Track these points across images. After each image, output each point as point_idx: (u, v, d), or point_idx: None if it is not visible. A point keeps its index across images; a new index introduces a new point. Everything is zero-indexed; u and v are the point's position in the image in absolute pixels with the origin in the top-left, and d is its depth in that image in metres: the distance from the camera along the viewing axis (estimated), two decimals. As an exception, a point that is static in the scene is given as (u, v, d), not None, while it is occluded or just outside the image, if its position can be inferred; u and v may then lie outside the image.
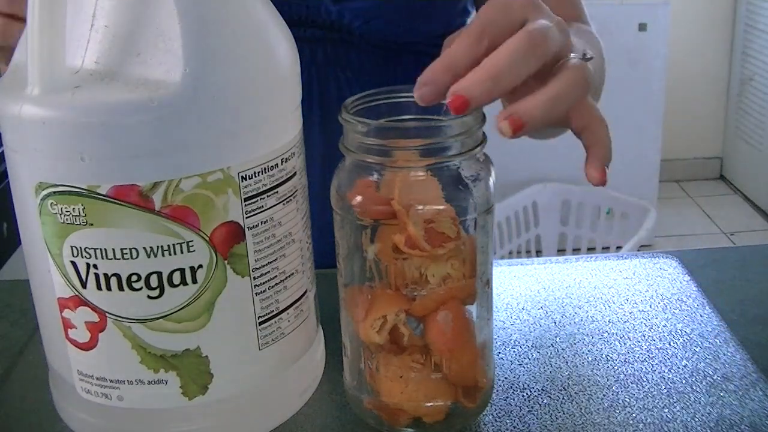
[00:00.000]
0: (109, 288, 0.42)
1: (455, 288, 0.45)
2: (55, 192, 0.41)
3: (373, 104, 0.46)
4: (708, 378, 0.53)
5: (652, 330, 0.58)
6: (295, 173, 0.46)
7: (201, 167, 0.41)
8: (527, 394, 0.52)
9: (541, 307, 0.62)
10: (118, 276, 0.42)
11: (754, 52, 2.83)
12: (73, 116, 0.40)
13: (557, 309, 0.61)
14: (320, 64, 0.73)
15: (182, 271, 0.42)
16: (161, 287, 0.42)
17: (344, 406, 0.51)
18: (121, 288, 0.42)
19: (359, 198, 0.44)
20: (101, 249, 0.42)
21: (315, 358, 0.52)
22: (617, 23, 2.40)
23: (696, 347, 0.56)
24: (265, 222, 0.44)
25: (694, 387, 0.52)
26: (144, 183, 0.40)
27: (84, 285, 0.43)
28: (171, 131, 0.40)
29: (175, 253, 0.42)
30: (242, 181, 0.43)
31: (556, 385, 0.53)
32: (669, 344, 0.56)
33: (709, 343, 0.56)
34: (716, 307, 0.61)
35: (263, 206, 0.44)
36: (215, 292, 0.43)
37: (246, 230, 0.44)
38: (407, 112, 0.47)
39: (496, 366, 0.54)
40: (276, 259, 0.46)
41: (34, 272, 0.45)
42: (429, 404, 0.47)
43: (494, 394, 0.52)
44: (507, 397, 0.52)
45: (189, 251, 0.42)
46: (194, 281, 0.43)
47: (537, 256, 2.43)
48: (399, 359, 0.46)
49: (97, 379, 0.45)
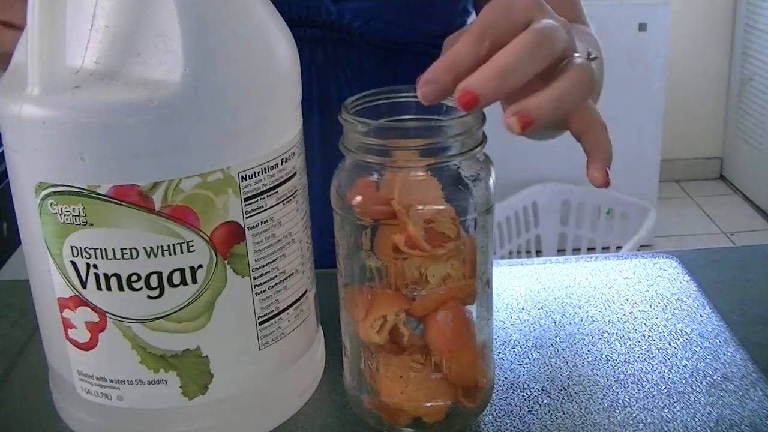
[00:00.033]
0: (109, 288, 0.42)
1: (455, 288, 0.45)
2: (55, 192, 0.41)
3: (373, 104, 0.46)
4: (708, 378, 0.53)
5: (652, 330, 0.58)
6: (295, 173, 0.46)
7: (201, 167, 0.41)
8: (527, 394, 0.52)
9: (541, 307, 0.62)
10: (118, 276, 0.42)
11: (754, 52, 2.83)
12: (73, 116, 0.40)
13: (557, 309, 0.61)
14: (320, 64, 0.73)
15: (182, 271, 0.42)
16: (161, 287, 0.42)
17: (344, 406, 0.51)
18: (121, 288, 0.42)
19: (359, 198, 0.44)
20: (101, 249, 0.42)
21: (315, 358, 0.52)
22: (617, 23, 2.41)
23: (696, 347, 0.56)
24: (265, 222, 0.44)
25: (694, 387, 0.52)
26: (144, 183, 0.40)
27: (84, 285, 0.43)
28: (171, 131, 0.40)
29: (175, 253, 0.42)
30: (242, 181, 0.43)
31: (556, 385, 0.53)
32: (669, 344, 0.56)
33: (709, 343, 0.56)
34: (716, 307, 0.61)
35: (263, 206, 0.44)
36: (215, 292, 0.43)
37: (246, 230, 0.44)
38: (407, 112, 0.47)
39: (496, 366, 0.54)
40: (276, 259, 0.46)
41: (34, 272, 0.45)
42: (429, 404, 0.47)
43: (494, 394, 0.52)
44: (507, 397, 0.52)
45: (189, 251, 0.42)
46: (194, 281, 0.43)
47: (537, 256, 2.43)
48: (399, 359, 0.46)
49: (97, 379, 0.45)
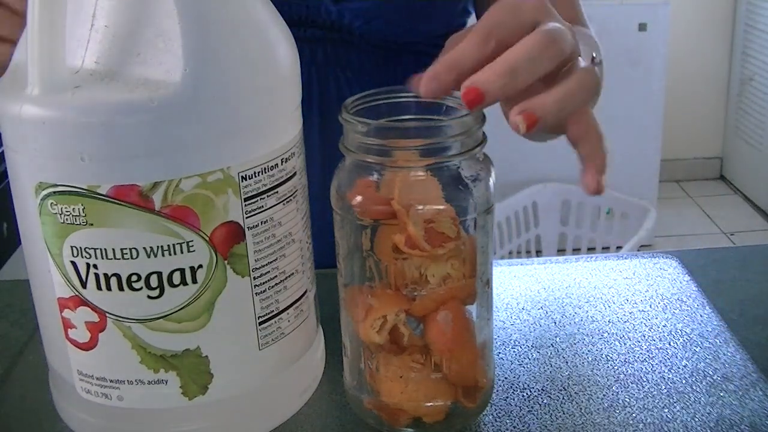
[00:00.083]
0: (109, 288, 0.42)
1: (455, 288, 0.45)
2: (55, 192, 0.41)
3: (373, 104, 0.46)
4: (708, 378, 0.53)
5: (652, 330, 0.58)
6: (295, 173, 0.46)
7: (201, 167, 0.41)
8: (527, 394, 0.52)
9: (541, 307, 0.62)
10: (118, 276, 0.42)
11: (754, 52, 2.83)
12: (73, 116, 0.40)
13: (557, 309, 0.61)
14: (320, 64, 0.73)
15: (182, 271, 0.42)
16: (161, 287, 0.42)
17: (344, 406, 0.51)
18: (121, 288, 0.42)
19: (359, 198, 0.44)
20: (101, 249, 0.42)
21: (315, 358, 0.52)
22: (617, 23, 2.41)
23: (696, 347, 0.56)
24: (265, 222, 0.44)
25: (694, 387, 0.52)
26: (144, 183, 0.40)
27: (84, 285, 0.43)
28: (171, 131, 0.40)
29: (175, 253, 0.42)
30: (242, 181, 0.43)
31: (556, 385, 0.53)
32: (669, 344, 0.56)
33: (709, 343, 0.56)
34: (716, 307, 0.61)
35: (263, 206, 0.44)
36: (215, 292, 0.43)
37: (246, 230, 0.44)
38: (407, 112, 0.47)
39: (496, 366, 0.54)
40: (276, 259, 0.46)
41: (34, 272, 0.45)
42: (429, 404, 0.47)
43: (494, 394, 0.52)
44: (507, 397, 0.52)
45: (189, 251, 0.42)
46: (194, 281, 0.43)
47: (537, 256, 2.43)
48: (399, 359, 0.46)
49: (97, 379, 0.45)
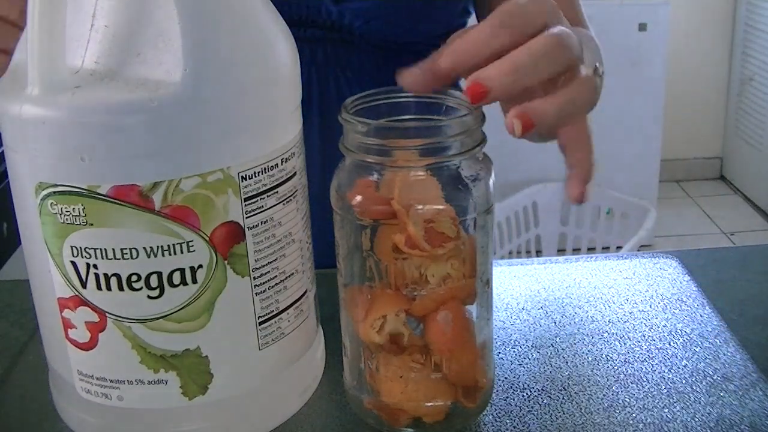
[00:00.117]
0: (109, 288, 0.42)
1: (455, 288, 0.45)
2: (55, 192, 0.41)
3: (373, 104, 0.46)
4: (708, 378, 0.53)
5: (652, 330, 0.58)
6: (295, 173, 0.46)
7: (201, 167, 0.41)
8: (527, 394, 0.52)
9: (541, 307, 0.62)
10: (118, 276, 0.42)
11: (754, 52, 2.83)
12: (73, 116, 0.40)
13: (557, 309, 0.61)
14: (320, 64, 0.73)
15: (182, 271, 0.42)
16: (161, 287, 0.42)
17: (344, 406, 0.51)
18: (121, 288, 0.42)
19: (359, 198, 0.44)
20: (101, 249, 0.42)
21: (315, 358, 0.52)
22: (617, 23, 2.41)
23: (696, 347, 0.56)
24: (265, 222, 0.44)
25: (694, 387, 0.52)
26: (144, 183, 0.40)
27: (84, 285, 0.43)
28: (171, 131, 0.40)
29: (175, 253, 0.42)
30: (242, 181, 0.43)
31: (556, 385, 0.53)
32: (669, 344, 0.56)
33: (709, 343, 0.56)
34: (716, 307, 0.61)
35: (263, 206, 0.44)
36: (215, 292, 0.43)
37: (246, 230, 0.44)
38: (407, 112, 0.47)
39: (496, 366, 0.54)
40: (276, 259, 0.46)
41: (34, 272, 0.45)
42: (429, 404, 0.47)
43: (494, 394, 0.52)
44: (507, 397, 0.52)
45: (189, 251, 0.42)
46: (194, 281, 0.43)
47: (537, 256, 2.43)
48: (399, 359, 0.46)
49: (97, 379, 0.45)
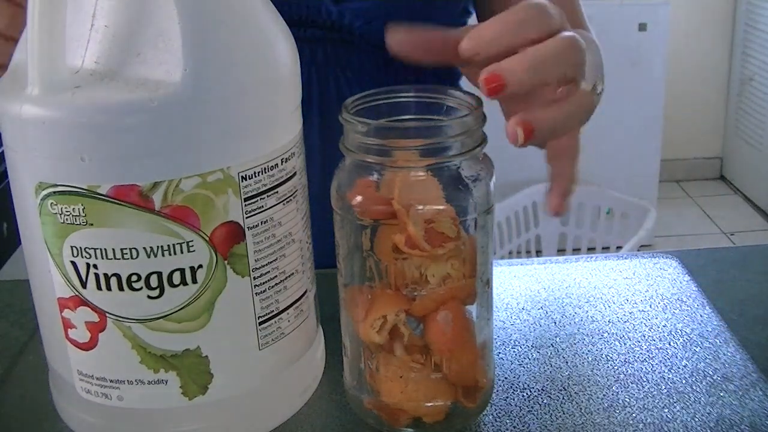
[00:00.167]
0: (109, 288, 0.42)
1: (455, 288, 0.45)
2: (55, 192, 0.41)
3: (373, 104, 0.46)
4: (708, 378, 0.53)
5: (652, 330, 0.58)
6: (295, 173, 0.46)
7: (201, 167, 0.41)
8: (527, 394, 0.52)
9: (541, 307, 0.62)
10: (118, 276, 0.42)
11: (754, 52, 2.83)
12: (73, 116, 0.40)
13: (557, 309, 0.61)
14: (320, 64, 0.73)
15: (182, 271, 0.42)
16: (161, 287, 0.42)
17: (344, 406, 0.51)
18: (121, 288, 0.42)
19: (359, 198, 0.44)
20: (101, 249, 0.42)
21: (315, 358, 0.52)
22: (617, 23, 2.41)
23: (696, 347, 0.56)
24: (265, 222, 0.44)
25: (694, 387, 0.52)
26: (144, 183, 0.40)
27: (84, 285, 0.43)
28: (171, 131, 0.40)
29: (175, 253, 0.42)
30: (242, 181, 0.43)
31: (556, 385, 0.53)
32: (669, 344, 0.56)
33: (709, 343, 0.56)
34: (716, 307, 0.61)
35: (263, 206, 0.44)
36: (215, 292, 0.43)
37: (246, 230, 0.44)
38: (407, 112, 0.47)
39: (496, 366, 0.54)
40: (276, 259, 0.46)
41: (34, 272, 0.45)
42: (429, 404, 0.47)
43: (494, 394, 0.52)
44: (507, 397, 0.52)
45: (189, 251, 0.42)
46: (194, 281, 0.43)
47: (537, 256, 2.43)
48: (399, 359, 0.46)
49: (97, 379, 0.45)
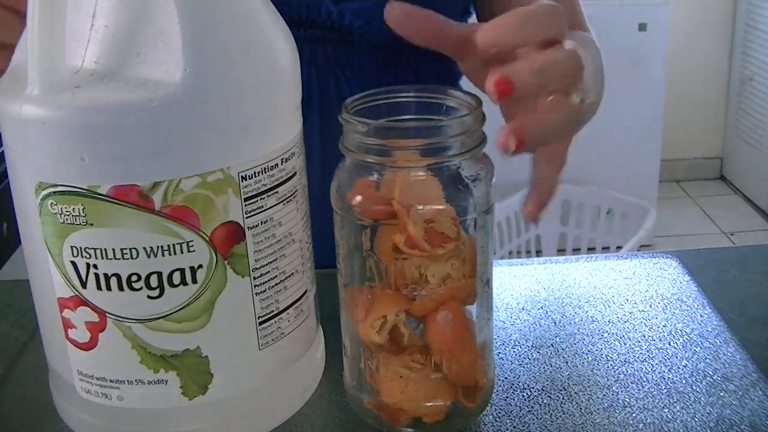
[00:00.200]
0: (109, 288, 0.42)
1: (455, 288, 0.45)
2: (55, 192, 0.41)
3: (373, 104, 0.46)
4: (708, 378, 0.53)
5: (652, 330, 0.58)
6: (295, 173, 0.46)
7: (201, 167, 0.41)
8: (527, 394, 0.52)
9: (541, 307, 0.62)
10: (118, 276, 0.42)
11: (754, 52, 2.83)
12: (73, 116, 0.40)
13: (557, 309, 0.61)
14: (320, 64, 0.73)
15: (182, 271, 0.42)
16: (161, 287, 0.42)
17: (344, 406, 0.51)
18: (121, 288, 0.42)
19: (359, 198, 0.44)
20: (101, 249, 0.42)
21: (315, 358, 0.52)
22: (617, 23, 2.41)
23: (696, 347, 0.56)
24: (265, 222, 0.44)
25: (694, 387, 0.52)
26: (144, 183, 0.40)
27: (84, 285, 0.43)
28: (171, 131, 0.40)
29: (175, 253, 0.42)
30: (242, 181, 0.43)
31: (556, 385, 0.53)
32: (669, 344, 0.56)
33: (709, 343, 0.56)
34: (716, 307, 0.61)
35: (263, 206, 0.44)
36: (215, 292, 0.43)
37: (246, 230, 0.44)
38: (407, 112, 0.47)
39: (496, 366, 0.54)
40: (276, 259, 0.46)
41: (34, 272, 0.45)
42: (429, 404, 0.47)
43: (494, 394, 0.52)
44: (507, 397, 0.52)
45: (189, 251, 0.42)
46: (194, 281, 0.43)
47: (537, 256, 2.43)
48: (399, 359, 0.46)
49: (97, 379, 0.45)
